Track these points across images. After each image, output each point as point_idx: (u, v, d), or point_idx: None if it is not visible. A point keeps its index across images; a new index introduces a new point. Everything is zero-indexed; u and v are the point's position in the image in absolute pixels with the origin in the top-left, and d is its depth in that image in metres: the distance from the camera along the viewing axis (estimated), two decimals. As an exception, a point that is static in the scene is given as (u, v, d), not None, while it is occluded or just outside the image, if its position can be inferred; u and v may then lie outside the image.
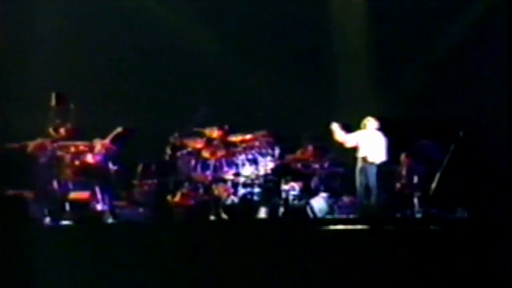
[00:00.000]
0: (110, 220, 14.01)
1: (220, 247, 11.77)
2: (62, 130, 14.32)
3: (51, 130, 14.29)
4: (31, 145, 14.21)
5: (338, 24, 16.88)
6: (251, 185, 14.85)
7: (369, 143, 14.97)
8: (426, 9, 16.33)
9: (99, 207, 14.25)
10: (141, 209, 14.75)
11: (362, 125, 15.07)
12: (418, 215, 14.40)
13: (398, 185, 14.93)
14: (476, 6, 16.54)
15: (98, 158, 14.50)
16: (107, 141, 14.68)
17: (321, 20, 16.60)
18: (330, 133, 15.33)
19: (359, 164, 14.92)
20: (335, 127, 15.12)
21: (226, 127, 15.16)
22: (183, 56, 16.50)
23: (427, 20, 16.47)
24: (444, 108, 16.20)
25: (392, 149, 15.10)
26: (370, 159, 14.76)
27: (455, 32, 16.63)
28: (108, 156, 14.63)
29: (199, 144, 15.08)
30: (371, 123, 14.94)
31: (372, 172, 14.65)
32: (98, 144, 14.54)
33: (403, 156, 14.90)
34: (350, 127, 15.21)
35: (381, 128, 14.96)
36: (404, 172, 14.77)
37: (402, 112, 16.21)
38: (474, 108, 16.05)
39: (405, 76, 16.65)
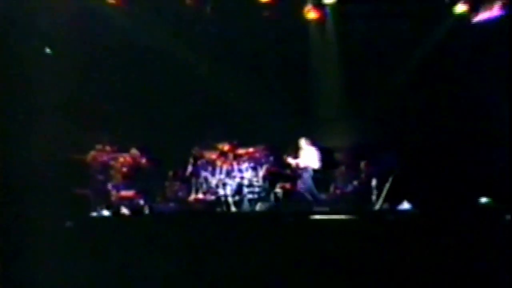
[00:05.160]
0: (147, 211, 14.99)
1: (229, 234, 12.90)
2: (107, 147, 15.83)
3: (100, 146, 15.72)
4: (88, 156, 15.68)
5: (319, 44, 16.72)
6: (252, 186, 15.78)
7: (306, 157, 16.01)
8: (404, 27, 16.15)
9: (141, 202, 15.54)
10: (171, 204, 15.84)
11: (298, 145, 15.99)
12: (376, 207, 15.39)
13: (358, 185, 15.96)
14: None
15: (140, 165, 15.91)
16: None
17: (305, 46, 16.62)
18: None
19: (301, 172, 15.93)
20: (303, 143, 16.07)
21: (235, 142, 16.13)
22: (200, 85, 16.90)
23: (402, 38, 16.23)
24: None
25: (354, 158, 16.17)
26: (307, 168, 15.98)
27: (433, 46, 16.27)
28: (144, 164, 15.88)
29: (214, 155, 16.13)
30: (303, 141, 15.99)
31: (307, 177, 15.85)
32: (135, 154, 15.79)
33: (363, 164, 15.99)
34: (317, 143, 16.01)
35: (313, 144, 15.96)
36: (364, 175, 15.84)
37: (368, 125, 16.69)
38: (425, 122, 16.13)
39: (375, 97, 16.88)
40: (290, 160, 16.08)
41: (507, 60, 14.83)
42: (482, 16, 15.01)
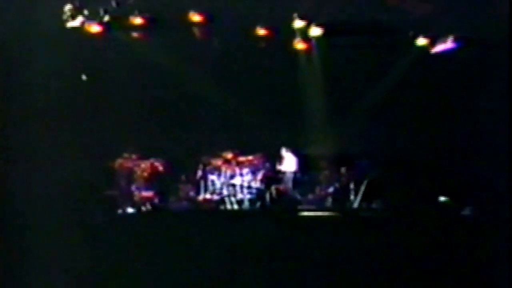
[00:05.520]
0: (164, 209, 16.50)
1: (232, 227, 14.51)
2: (133, 156, 17.06)
3: (127, 154, 16.89)
4: (116, 163, 16.89)
5: (307, 71, 17.29)
6: (251, 187, 17.05)
7: (286, 162, 17.19)
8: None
9: (159, 201, 16.90)
10: (184, 203, 16.99)
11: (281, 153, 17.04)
12: (354, 206, 16.79)
13: (339, 187, 16.93)
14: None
15: (158, 171, 17.21)
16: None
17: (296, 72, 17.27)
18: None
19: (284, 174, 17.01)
20: (284, 151, 17.12)
21: (237, 151, 17.33)
22: (208, 104, 17.49)
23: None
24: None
25: (335, 165, 17.07)
26: (287, 171, 17.21)
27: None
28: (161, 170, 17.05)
29: (219, 162, 17.32)
30: (284, 150, 17.08)
31: (289, 178, 17.07)
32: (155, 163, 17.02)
33: (343, 169, 16.97)
34: (298, 151, 17.00)
35: (292, 151, 17.03)
36: (344, 179, 16.96)
37: (348, 138, 17.20)
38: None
39: (353, 114, 17.40)
40: (277, 166, 17.16)
41: (468, 84, 16.53)
42: (439, 48, 16.48)
